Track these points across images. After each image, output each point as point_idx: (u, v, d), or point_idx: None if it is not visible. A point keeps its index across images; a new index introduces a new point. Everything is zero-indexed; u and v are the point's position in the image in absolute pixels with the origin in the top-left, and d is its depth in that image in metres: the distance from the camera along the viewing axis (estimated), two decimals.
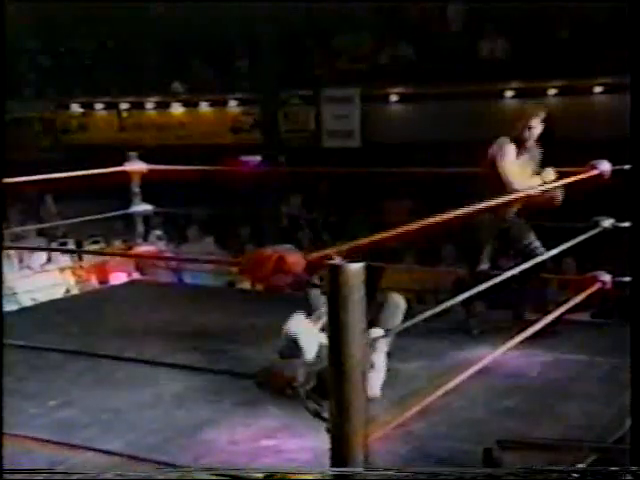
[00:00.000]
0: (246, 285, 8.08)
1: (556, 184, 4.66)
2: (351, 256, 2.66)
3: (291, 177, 10.77)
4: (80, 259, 9.46)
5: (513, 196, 4.69)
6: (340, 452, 2.62)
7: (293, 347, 3.85)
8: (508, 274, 4.35)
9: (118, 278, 8.19)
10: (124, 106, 13.84)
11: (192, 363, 4.59)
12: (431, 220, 3.42)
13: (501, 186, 4.75)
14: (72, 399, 4.20)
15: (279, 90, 12.39)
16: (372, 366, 4.02)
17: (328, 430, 2.66)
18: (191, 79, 13.54)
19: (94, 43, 14.45)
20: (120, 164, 6.59)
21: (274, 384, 2.70)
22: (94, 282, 8.90)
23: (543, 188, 4.70)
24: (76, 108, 14.14)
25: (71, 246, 9.96)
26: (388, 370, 4.25)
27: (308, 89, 12.42)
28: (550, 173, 4.95)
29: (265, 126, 12.47)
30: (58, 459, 3.44)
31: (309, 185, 11.96)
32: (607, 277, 5.05)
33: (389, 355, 4.30)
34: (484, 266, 5.06)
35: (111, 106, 13.96)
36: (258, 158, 12.25)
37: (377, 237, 3.08)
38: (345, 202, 11.22)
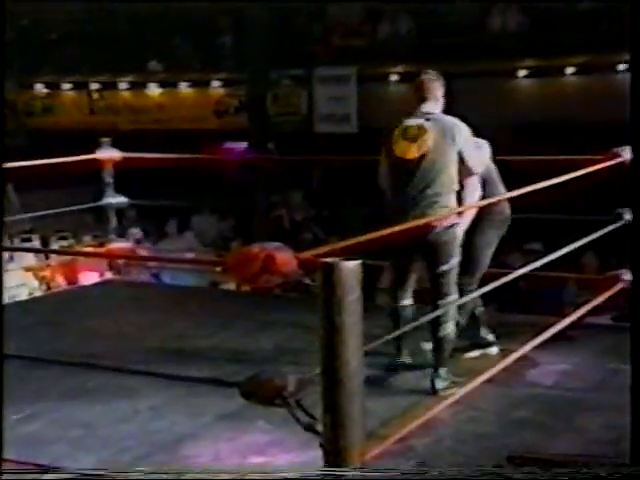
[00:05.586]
0: (231, 285, 8.10)
1: (576, 174, 4.67)
2: (346, 254, 2.68)
3: (281, 166, 10.77)
4: (46, 257, 9.47)
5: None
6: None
7: None
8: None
9: (89, 278, 8.20)
10: (95, 86, 13.82)
11: (171, 371, 4.60)
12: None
13: None
14: (38, 412, 4.21)
15: (267, 69, 12.40)
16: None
17: (321, 445, 2.68)
18: (170, 57, 13.53)
19: (61, 15, 14.41)
20: (91, 151, 6.59)
21: (262, 394, 2.71)
22: (62, 282, 8.91)
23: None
24: (41, 88, 14.12)
25: (36, 242, 9.97)
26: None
27: (300, 68, 12.42)
28: None
29: (252, 109, 12.47)
30: None
31: (301, 174, 11.98)
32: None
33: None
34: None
35: (80, 86, 13.94)
36: (244, 145, 12.26)
37: (375, 235, 3.10)
38: (339, 193, 11.25)
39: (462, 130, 4.48)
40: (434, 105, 4.56)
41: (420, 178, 4.38)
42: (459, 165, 4.45)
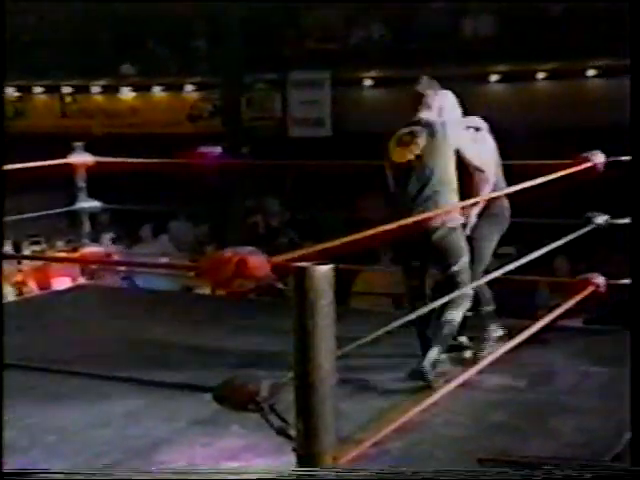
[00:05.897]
0: (206, 290, 8.08)
1: (546, 179, 4.71)
2: (320, 258, 2.69)
3: (256, 170, 10.78)
4: (18, 262, 9.41)
5: None
6: None
7: None
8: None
9: (61, 283, 8.16)
10: (67, 90, 13.75)
11: (145, 376, 4.59)
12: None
13: None
14: (10, 419, 4.17)
15: (242, 73, 12.39)
16: None
17: (294, 449, 2.69)
18: (143, 60, 13.48)
19: (33, 17, 14.32)
20: (64, 155, 6.56)
21: (235, 399, 2.71)
22: (34, 287, 8.85)
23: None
24: (12, 92, 14.02)
25: (8, 248, 9.90)
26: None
27: (274, 72, 12.43)
28: None
29: (226, 113, 12.46)
30: None
31: (275, 179, 11.98)
32: (601, 279, 5.13)
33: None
34: None
35: (52, 90, 13.86)
36: (218, 149, 12.23)
37: (350, 238, 3.11)
38: (314, 198, 11.25)
39: (454, 128, 4.63)
40: (428, 112, 4.71)
41: (417, 179, 4.51)
42: (465, 163, 4.60)
